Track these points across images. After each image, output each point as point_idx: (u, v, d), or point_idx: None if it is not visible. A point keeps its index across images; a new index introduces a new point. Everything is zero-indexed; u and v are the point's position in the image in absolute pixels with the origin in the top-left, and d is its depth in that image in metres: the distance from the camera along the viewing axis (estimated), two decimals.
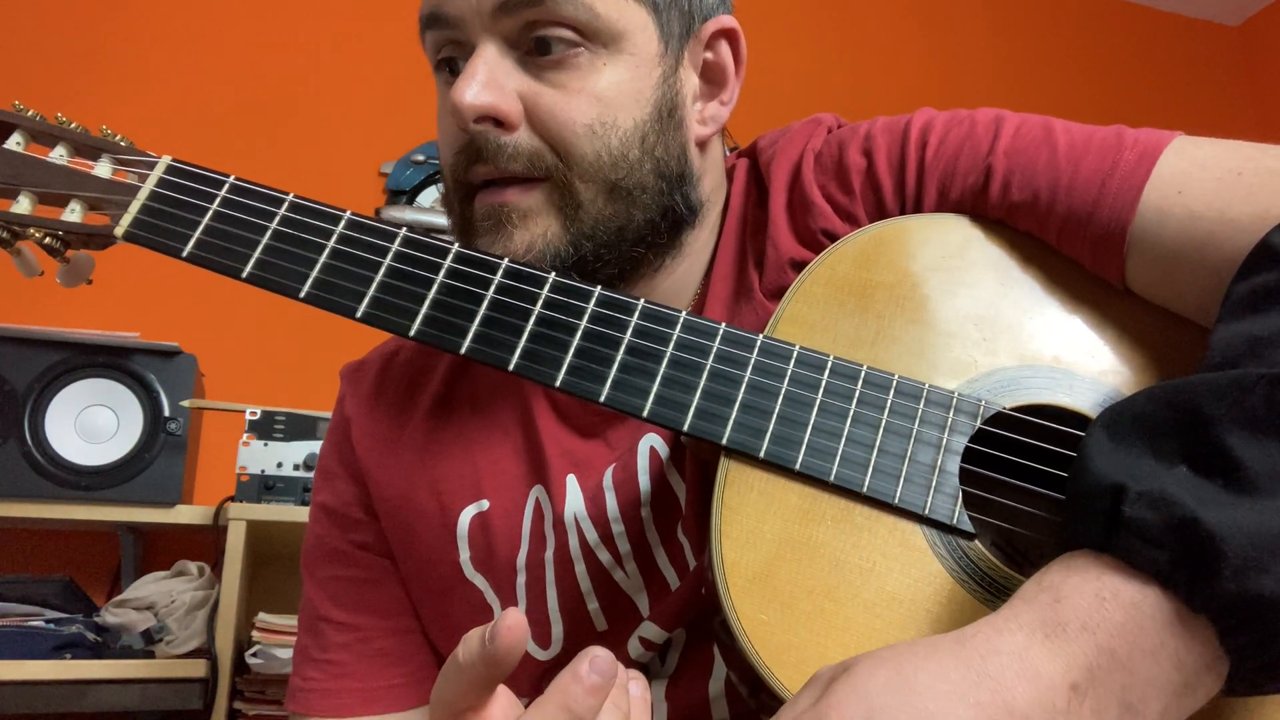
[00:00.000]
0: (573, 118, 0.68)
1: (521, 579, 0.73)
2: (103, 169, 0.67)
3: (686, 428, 0.59)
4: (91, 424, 1.66)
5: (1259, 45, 3.25)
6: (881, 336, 0.63)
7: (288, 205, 0.65)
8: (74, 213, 0.66)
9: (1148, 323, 0.63)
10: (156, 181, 0.66)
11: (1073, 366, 0.61)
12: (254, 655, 1.59)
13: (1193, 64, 3.20)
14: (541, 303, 0.63)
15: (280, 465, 1.72)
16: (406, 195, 2.32)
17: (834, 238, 0.69)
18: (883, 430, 0.59)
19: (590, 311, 0.62)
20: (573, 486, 0.72)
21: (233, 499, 1.68)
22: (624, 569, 0.71)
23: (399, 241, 0.64)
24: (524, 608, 0.73)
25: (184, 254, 0.64)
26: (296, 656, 0.82)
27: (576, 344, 0.61)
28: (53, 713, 1.54)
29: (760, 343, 0.61)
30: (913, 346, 0.62)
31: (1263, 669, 0.45)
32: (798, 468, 0.58)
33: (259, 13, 2.33)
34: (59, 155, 0.68)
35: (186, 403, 1.68)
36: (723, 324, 0.62)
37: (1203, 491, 0.45)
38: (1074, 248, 0.64)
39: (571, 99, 0.68)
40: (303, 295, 0.63)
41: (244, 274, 0.63)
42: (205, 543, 1.77)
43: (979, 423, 0.59)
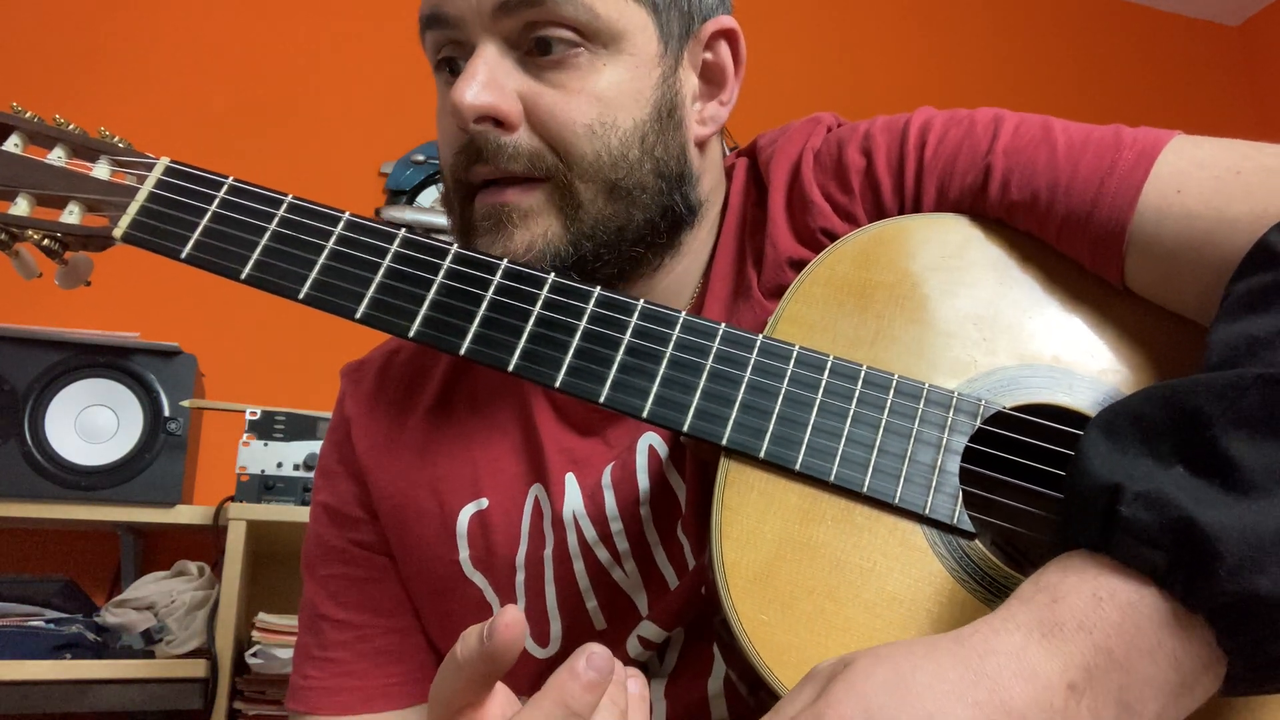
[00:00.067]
0: (573, 118, 0.68)
1: (520, 577, 0.73)
2: (101, 170, 0.67)
3: (686, 428, 0.59)
4: (91, 424, 1.66)
5: (1259, 45, 3.24)
6: (881, 336, 0.63)
7: (286, 206, 0.65)
8: (72, 214, 0.66)
9: (1147, 322, 0.63)
10: (155, 183, 0.66)
11: (1072, 366, 0.61)
12: (254, 655, 1.59)
13: (1193, 64, 3.20)
14: (541, 303, 0.63)
15: (280, 465, 1.72)
16: (406, 195, 2.32)
17: (833, 237, 0.69)
18: (883, 430, 0.59)
19: (589, 312, 0.62)
20: (571, 485, 0.73)
21: (233, 499, 1.68)
22: (622, 568, 0.71)
23: (398, 242, 0.64)
24: (523, 606, 0.73)
25: (182, 255, 0.64)
26: (296, 655, 0.82)
27: (576, 344, 0.61)
28: (53, 713, 1.55)
29: (760, 343, 0.61)
30: (912, 346, 0.62)
31: (1260, 668, 0.45)
32: (798, 468, 0.58)
33: (259, 13, 2.32)
34: (57, 157, 0.68)
35: (186, 403, 1.68)
36: (722, 324, 0.62)
37: (1199, 492, 0.45)
38: (1073, 247, 0.64)
39: (571, 99, 0.68)
40: (301, 296, 0.63)
41: (243, 275, 0.63)
42: (205, 543, 1.77)
43: (979, 422, 0.59)
